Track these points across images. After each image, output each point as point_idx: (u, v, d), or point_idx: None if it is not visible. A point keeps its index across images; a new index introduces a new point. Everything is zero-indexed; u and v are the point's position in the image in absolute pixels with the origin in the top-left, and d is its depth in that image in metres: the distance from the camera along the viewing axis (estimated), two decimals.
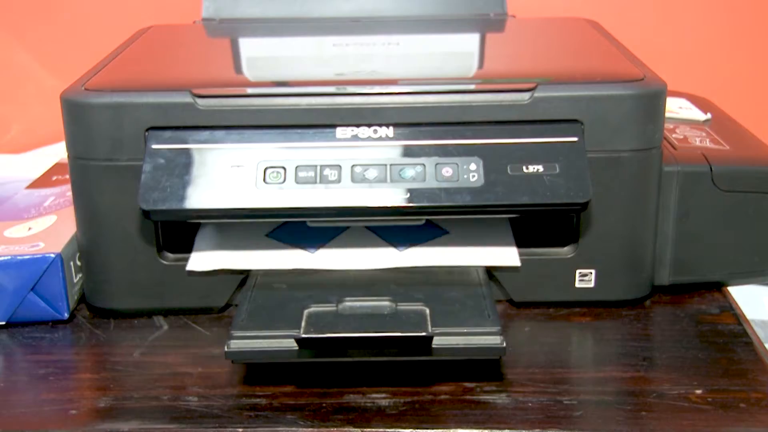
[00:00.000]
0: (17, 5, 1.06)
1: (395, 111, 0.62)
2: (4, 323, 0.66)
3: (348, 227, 0.68)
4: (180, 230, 0.68)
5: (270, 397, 0.57)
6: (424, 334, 0.56)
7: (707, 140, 0.73)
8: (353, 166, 0.61)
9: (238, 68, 0.76)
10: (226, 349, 0.56)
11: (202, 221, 0.70)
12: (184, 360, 0.61)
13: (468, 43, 0.85)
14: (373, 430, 0.54)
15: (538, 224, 0.70)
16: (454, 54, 0.79)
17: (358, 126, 0.62)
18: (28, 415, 0.56)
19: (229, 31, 0.88)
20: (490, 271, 0.66)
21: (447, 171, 0.61)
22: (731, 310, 0.68)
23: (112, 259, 0.66)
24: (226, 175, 0.61)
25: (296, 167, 0.61)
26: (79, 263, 0.69)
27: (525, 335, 0.64)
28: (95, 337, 0.66)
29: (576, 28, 0.84)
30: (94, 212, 0.65)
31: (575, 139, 0.62)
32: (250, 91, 0.64)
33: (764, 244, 0.69)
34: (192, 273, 0.65)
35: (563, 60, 0.75)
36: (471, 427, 0.54)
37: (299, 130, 0.62)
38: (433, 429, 0.54)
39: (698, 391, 0.57)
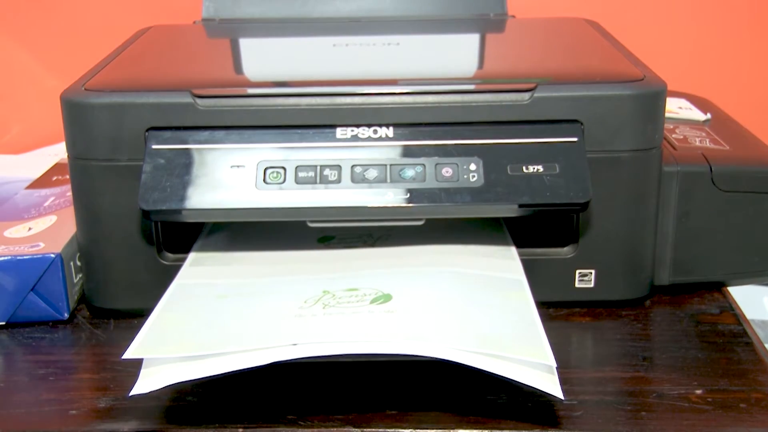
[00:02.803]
0: (17, 5, 1.06)
1: (395, 111, 0.62)
2: (4, 323, 0.66)
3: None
4: (180, 230, 0.68)
5: (270, 397, 0.57)
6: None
7: (707, 140, 0.73)
8: (353, 166, 0.61)
9: (238, 68, 0.76)
10: None
11: (202, 221, 0.71)
12: None
13: (468, 43, 0.85)
14: (373, 430, 0.54)
15: (538, 224, 0.70)
16: (454, 54, 0.79)
17: (358, 126, 0.62)
18: (28, 415, 0.56)
19: (229, 31, 0.88)
20: None
21: (447, 171, 0.61)
22: (731, 310, 0.68)
23: (112, 259, 0.66)
24: (226, 175, 0.61)
25: (296, 167, 0.61)
26: (79, 263, 0.69)
27: None
28: (95, 337, 0.66)
29: (576, 28, 0.84)
30: (94, 212, 0.65)
31: (575, 139, 0.62)
32: (250, 91, 0.64)
33: (764, 244, 0.69)
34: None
35: (563, 60, 0.75)
36: (471, 427, 0.54)
37: (299, 130, 0.62)
38: (433, 429, 0.54)
39: (698, 391, 0.57)
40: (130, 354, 0.53)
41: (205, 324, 0.57)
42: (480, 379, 0.57)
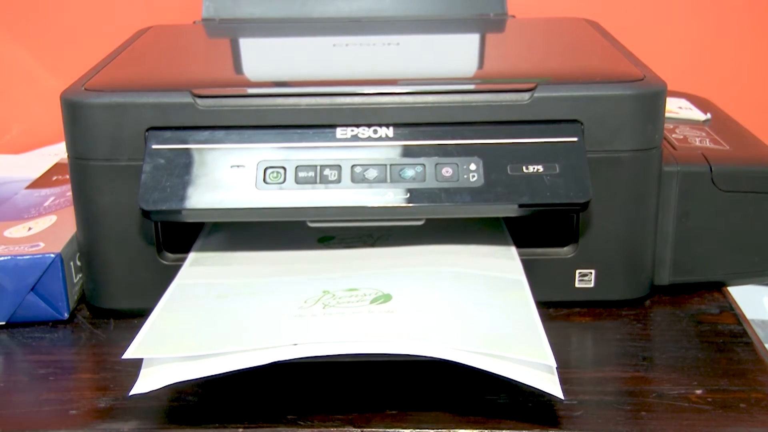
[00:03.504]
0: (17, 5, 1.06)
1: (395, 111, 0.62)
2: (4, 323, 0.66)
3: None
4: (180, 230, 0.68)
5: (270, 397, 0.57)
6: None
7: (707, 140, 0.73)
8: (353, 166, 0.61)
9: (238, 68, 0.76)
10: None
11: (202, 221, 0.71)
12: None
13: (468, 43, 0.85)
14: (373, 430, 0.54)
15: (538, 224, 0.70)
16: (453, 54, 0.79)
17: (358, 126, 0.62)
18: (28, 415, 0.56)
19: (229, 31, 0.88)
20: None
21: (447, 171, 0.61)
22: (731, 310, 0.68)
23: (112, 259, 0.66)
24: (226, 175, 0.61)
25: (296, 167, 0.61)
26: (79, 263, 0.69)
27: None
28: (95, 337, 0.66)
29: (576, 28, 0.84)
30: (94, 212, 0.65)
31: (575, 139, 0.62)
32: (250, 91, 0.64)
33: (764, 244, 0.69)
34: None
35: (563, 60, 0.75)
36: (471, 427, 0.54)
37: (299, 130, 0.62)
38: (432, 429, 0.54)
39: (698, 391, 0.57)
40: (130, 354, 0.53)
41: (205, 324, 0.57)
42: (480, 379, 0.57)
